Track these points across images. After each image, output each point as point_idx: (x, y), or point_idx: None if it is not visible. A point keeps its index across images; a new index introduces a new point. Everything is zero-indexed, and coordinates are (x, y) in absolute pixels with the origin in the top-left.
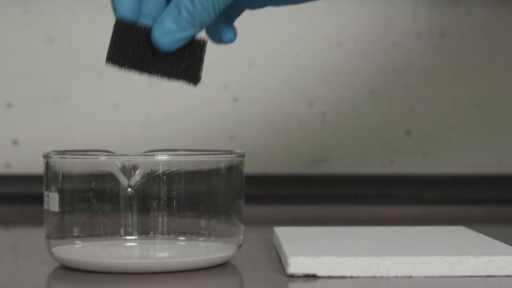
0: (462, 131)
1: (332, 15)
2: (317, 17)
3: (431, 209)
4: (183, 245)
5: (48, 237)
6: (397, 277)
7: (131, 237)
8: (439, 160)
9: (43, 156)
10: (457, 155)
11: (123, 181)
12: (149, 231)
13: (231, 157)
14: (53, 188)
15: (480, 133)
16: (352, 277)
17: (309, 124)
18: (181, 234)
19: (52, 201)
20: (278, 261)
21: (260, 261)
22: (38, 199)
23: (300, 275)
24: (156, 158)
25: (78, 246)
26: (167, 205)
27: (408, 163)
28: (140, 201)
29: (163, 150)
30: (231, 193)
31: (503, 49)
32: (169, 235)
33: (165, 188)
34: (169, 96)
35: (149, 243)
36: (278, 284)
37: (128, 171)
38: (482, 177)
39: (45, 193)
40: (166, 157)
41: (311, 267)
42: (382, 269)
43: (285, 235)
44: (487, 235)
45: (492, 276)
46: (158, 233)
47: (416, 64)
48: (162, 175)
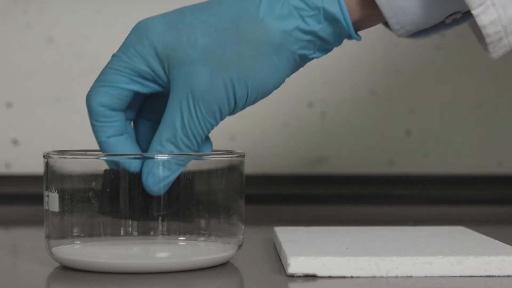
0: (462, 131)
1: None
2: None
3: (431, 209)
4: (183, 245)
5: (48, 237)
6: (397, 277)
7: (131, 237)
8: (439, 160)
9: (43, 156)
10: (457, 155)
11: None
12: (149, 231)
13: (231, 157)
14: (53, 188)
15: (480, 133)
16: (352, 277)
17: (309, 124)
18: (181, 234)
19: (52, 201)
20: (278, 261)
21: (260, 261)
22: (38, 199)
23: (300, 275)
24: (156, 158)
25: (78, 246)
26: (167, 205)
27: (408, 163)
28: (140, 201)
29: None
30: (231, 193)
31: None
32: (169, 235)
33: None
34: None
35: (149, 243)
36: (278, 284)
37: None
38: (482, 177)
39: (45, 193)
40: (166, 157)
41: (311, 267)
42: (382, 269)
43: (285, 235)
44: (487, 235)
45: (492, 276)
46: (158, 233)
47: (416, 64)
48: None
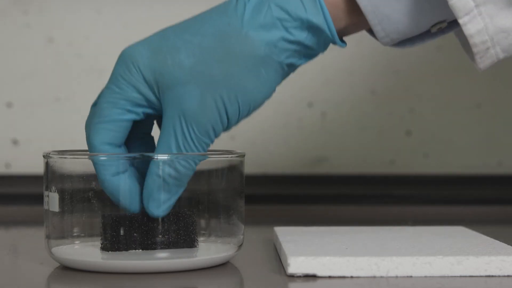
0: (462, 131)
1: None
2: None
3: (431, 209)
4: None
5: (48, 237)
6: (397, 277)
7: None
8: (439, 160)
9: (43, 156)
10: (457, 155)
11: None
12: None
13: (231, 157)
14: (53, 188)
15: (480, 133)
16: (352, 277)
17: (309, 124)
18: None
19: (52, 201)
20: (278, 261)
21: (260, 261)
22: (38, 199)
23: (300, 275)
24: (156, 158)
25: (78, 246)
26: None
27: (408, 163)
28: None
29: None
30: (231, 193)
31: None
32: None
33: None
34: None
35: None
36: (278, 284)
37: None
38: (482, 177)
39: (45, 193)
40: (166, 157)
41: (311, 267)
42: (382, 269)
43: (285, 235)
44: (487, 235)
45: (492, 276)
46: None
47: (416, 64)
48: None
